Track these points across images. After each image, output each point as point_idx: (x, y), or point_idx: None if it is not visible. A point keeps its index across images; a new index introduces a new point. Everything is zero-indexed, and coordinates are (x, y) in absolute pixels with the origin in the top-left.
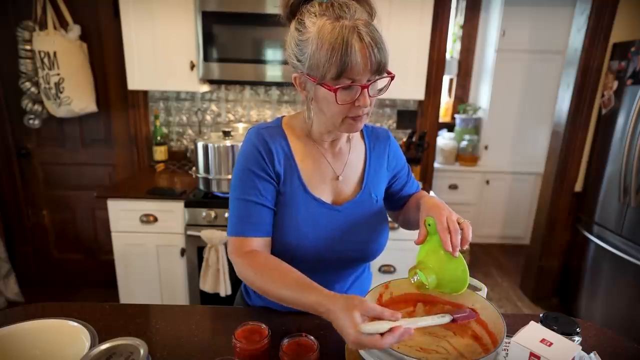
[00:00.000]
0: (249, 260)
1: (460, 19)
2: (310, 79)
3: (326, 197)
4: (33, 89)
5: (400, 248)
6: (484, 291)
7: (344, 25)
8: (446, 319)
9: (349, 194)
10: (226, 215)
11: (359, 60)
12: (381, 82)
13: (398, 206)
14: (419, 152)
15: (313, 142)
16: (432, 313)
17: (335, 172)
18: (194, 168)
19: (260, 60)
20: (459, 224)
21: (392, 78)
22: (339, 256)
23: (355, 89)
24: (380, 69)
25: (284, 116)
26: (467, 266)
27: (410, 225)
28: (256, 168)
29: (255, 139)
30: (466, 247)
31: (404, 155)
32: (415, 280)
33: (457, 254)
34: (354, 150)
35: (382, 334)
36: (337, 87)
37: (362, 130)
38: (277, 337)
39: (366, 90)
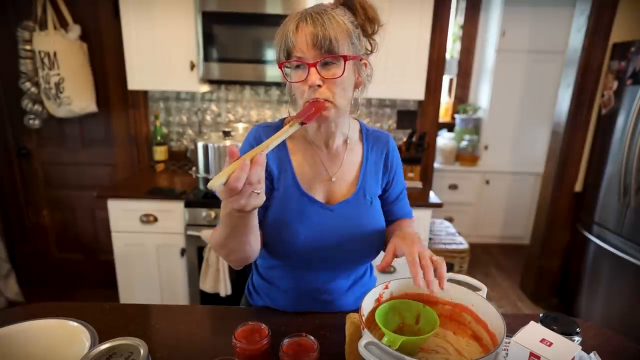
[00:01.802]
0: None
1: (460, 19)
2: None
3: (320, 196)
4: (33, 89)
5: None
6: (484, 291)
7: (298, 13)
8: (295, 127)
9: (343, 194)
10: None
11: (299, 37)
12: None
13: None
14: (419, 152)
15: (309, 142)
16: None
17: (329, 173)
18: (194, 168)
19: (260, 60)
20: (432, 261)
21: (345, 59)
22: (332, 255)
23: (304, 68)
24: (325, 46)
25: (287, 117)
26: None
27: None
28: None
29: (252, 138)
30: (445, 286)
31: (402, 171)
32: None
33: (437, 288)
34: (350, 152)
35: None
36: (281, 62)
37: (361, 133)
38: (277, 337)
39: (314, 68)
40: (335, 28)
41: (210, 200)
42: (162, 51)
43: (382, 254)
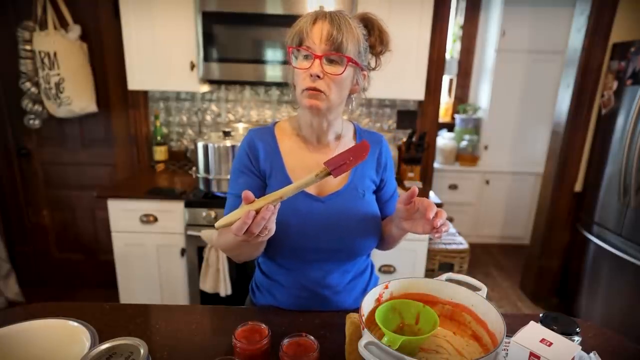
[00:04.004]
0: (220, 232)
1: (460, 19)
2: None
3: (310, 189)
4: (33, 89)
5: (400, 248)
6: (484, 291)
7: (316, 11)
8: (321, 176)
9: (334, 187)
10: None
11: (314, 31)
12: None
13: None
14: (419, 152)
15: (301, 140)
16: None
17: (320, 165)
18: (194, 168)
19: (260, 60)
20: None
21: (348, 60)
22: (324, 246)
23: (310, 58)
24: (335, 44)
25: (279, 120)
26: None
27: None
28: (242, 167)
29: (245, 141)
30: (444, 229)
31: (394, 171)
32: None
33: (441, 235)
34: (343, 147)
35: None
36: (292, 47)
37: (355, 133)
38: (277, 337)
39: (318, 60)
40: (348, 32)
41: (210, 200)
42: (162, 51)
43: (382, 253)
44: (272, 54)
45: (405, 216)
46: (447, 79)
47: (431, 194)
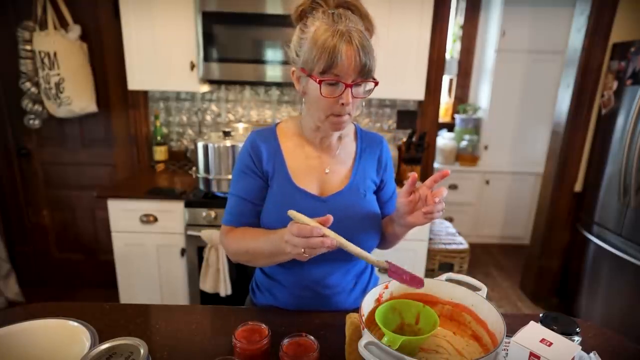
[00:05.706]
0: (230, 235)
1: (460, 19)
2: (303, 72)
3: (312, 189)
4: (33, 89)
5: (400, 248)
6: (484, 291)
7: (337, 29)
8: (381, 264)
9: (336, 187)
10: None
11: (344, 60)
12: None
13: None
14: (419, 152)
15: (303, 140)
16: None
17: (323, 165)
18: (194, 168)
19: (260, 60)
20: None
21: (376, 84)
22: None
23: (340, 86)
24: (365, 71)
25: (280, 121)
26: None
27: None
28: (245, 168)
29: (248, 142)
30: (441, 204)
31: (393, 172)
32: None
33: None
34: (345, 149)
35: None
36: (321, 79)
37: (356, 132)
38: (277, 337)
39: (349, 89)
40: (371, 53)
41: (210, 200)
42: (162, 51)
43: (382, 253)
44: (272, 54)
45: (409, 210)
46: (447, 79)
47: None
